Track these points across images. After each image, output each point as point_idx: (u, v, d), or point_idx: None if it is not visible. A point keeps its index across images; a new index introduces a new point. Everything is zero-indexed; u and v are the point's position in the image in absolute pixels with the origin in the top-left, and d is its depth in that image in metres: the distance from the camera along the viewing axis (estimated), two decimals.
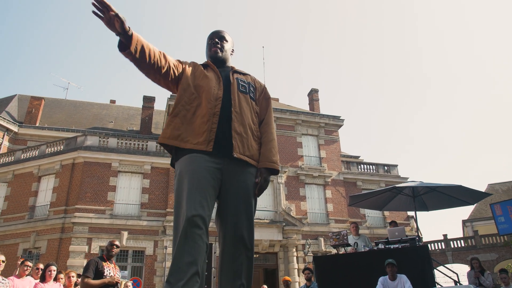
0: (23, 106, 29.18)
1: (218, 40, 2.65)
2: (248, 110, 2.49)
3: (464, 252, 30.63)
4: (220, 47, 2.64)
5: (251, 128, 2.47)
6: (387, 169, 27.97)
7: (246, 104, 2.50)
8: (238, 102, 2.45)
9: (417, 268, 7.39)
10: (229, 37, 2.74)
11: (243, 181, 2.35)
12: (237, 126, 2.39)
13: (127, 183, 21.68)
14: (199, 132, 2.31)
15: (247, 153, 2.38)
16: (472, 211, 39.34)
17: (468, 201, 9.87)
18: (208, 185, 2.21)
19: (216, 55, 2.63)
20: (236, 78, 2.56)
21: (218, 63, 2.63)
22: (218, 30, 2.73)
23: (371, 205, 11.28)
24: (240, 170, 2.36)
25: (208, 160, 2.27)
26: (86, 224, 19.83)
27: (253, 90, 2.61)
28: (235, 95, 2.46)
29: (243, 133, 2.40)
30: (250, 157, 2.40)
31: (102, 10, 2.04)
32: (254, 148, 2.45)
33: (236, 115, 2.41)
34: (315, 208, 24.69)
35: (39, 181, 21.91)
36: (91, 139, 22.17)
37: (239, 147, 2.35)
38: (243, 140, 2.39)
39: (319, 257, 9.29)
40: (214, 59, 2.63)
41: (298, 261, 22.20)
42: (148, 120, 29.88)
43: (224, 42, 2.67)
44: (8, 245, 20.37)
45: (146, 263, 20.21)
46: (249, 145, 2.42)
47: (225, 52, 2.66)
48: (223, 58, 2.65)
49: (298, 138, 26.36)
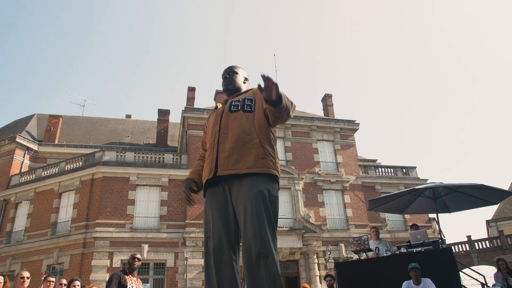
0: (42, 125, 29.76)
1: (227, 76, 2.95)
2: (238, 125, 2.59)
3: (490, 253, 29.93)
4: (229, 80, 2.93)
5: (242, 140, 2.54)
6: (406, 171, 27.61)
7: (236, 120, 2.62)
8: (224, 124, 2.65)
9: (442, 271, 7.24)
10: (240, 69, 3.03)
11: (240, 195, 2.42)
12: (223, 146, 2.57)
13: (145, 196, 21.87)
14: (206, 166, 2.65)
15: (235, 166, 2.47)
16: (496, 210, 38.52)
17: (492, 201, 9.60)
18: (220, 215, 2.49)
19: (227, 87, 2.93)
20: (230, 102, 2.76)
21: (230, 93, 2.92)
22: (229, 66, 3.03)
23: (390, 209, 11.08)
24: (238, 185, 2.46)
25: (218, 193, 2.55)
26: (107, 239, 20.04)
27: (250, 103, 2.70)
28: (224, 119, 2.68)
29: (229, 149, 2.53)
30: (240, 168, 2.46)
31: None
32: (249, 156, 2.48)
33: (224, 135, 2.61)
34: (334, 214, 24.49)
35: (60, 197, 22.28)
36: (108, 154, 22.47)
37: (222, 164, 2.51)
38: (229, 156, 2.50)
39: (340, 263, 9.17)
40: (226, 91, 2.95)
41: (319, 268, 22.00)
42: (163, 133, 30.15)
43: (234, 75, 2.96)
44: (33, 261, 20.72)
45: (167, 275, 20.29)
46: (240, 157, 2.48)
47: (235, 83, 2.93)
48: (232, 89, 2.92)
49: (314, 144, 26.26)
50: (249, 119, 2.62)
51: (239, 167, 2.45)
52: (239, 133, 2.55)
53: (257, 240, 2.25)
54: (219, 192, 2.54)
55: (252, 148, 2.50)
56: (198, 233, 21.13)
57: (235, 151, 2.50)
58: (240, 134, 2.54)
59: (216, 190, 2.56)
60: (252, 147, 2.50)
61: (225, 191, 2.52)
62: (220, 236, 2.41)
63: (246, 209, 2.34)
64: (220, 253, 2.37)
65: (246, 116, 2.63)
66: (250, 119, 2.62)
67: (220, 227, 2.43)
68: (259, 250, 2.23)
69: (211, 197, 2.57)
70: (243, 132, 2.55)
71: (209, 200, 2.57)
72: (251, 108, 2.67)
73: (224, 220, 2.45)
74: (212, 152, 2.61)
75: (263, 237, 2.26)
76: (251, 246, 2.25)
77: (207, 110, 24.81)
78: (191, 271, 20.25)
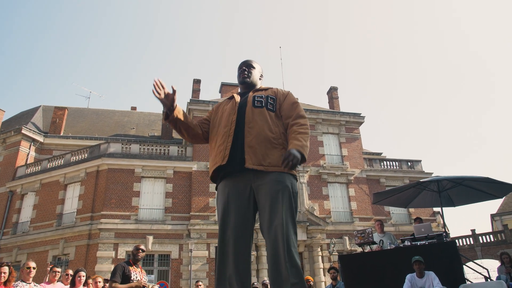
0: (48, 117, 29.87)
1: (245, 68, 3.00)
2: (264, 122, 2.68)
3: (494, 247, 29.86)
4: (247, 73, 2.98)
5: (268, 137, 2.62)
6: (411, 164, 27.53)
7: (262, 116, 2.70)
8: (251, 118, 2.69)
9: (445, 265, 7.24)
10: (257, 64, 3.08)
11: (267, 189, 2.51)
12: (250, 139, 2.60)
13: (150, 188, 21.98)
14: (217, 153, 2.66)
15: (262, 162, 2.54)
16: (501, 204, 38.37)
17: (496, 195, 9.56)
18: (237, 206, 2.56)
19: (244, 80, 2.97)
20: (253, 96, 2.82)
21: (247, 87, 2.98)
22: (246, 59, 3.07)
23: (395, 203, 11.07)
24: (266, 181, 2.52)
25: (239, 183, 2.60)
26: (112, 230, 20.18)
27: (273, 102, 2.80)
28: (249, 112, 2.72)
29: (256, 144, 2.58)
30: (268, 165, 2.53)
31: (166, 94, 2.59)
32: (274, 155, 2.58)
33: (250, 129, 2.65)
34: (338, 206, 24.51)
35: (65, 189, 22.42)
36: (114, 146, 22.55)
37: (251, 158, 2.54)
38: (257, 151, 2.56)
39: (344, 256, 9.19)
40: (243, 83, 2.98)
41: (323, 261, 22.06)
42: (169, 125, 30.15)
43: (252, 69, 3.02)
44: (38, 252, 20.92)
45: (172, 266, 20.43)
46: (266, 154, 2.56)
47: (252, 77, 2.99)
48: (250, 82, 2.98)
49: (319, 137, 26.21)
50: (273, 118, 2.73)
51: (266, 163, 2.54)
52: (265, 130, 2.64)
53: (283, 233, 2.35)
54: (240, 183, 2.60)
55: (277, 148, 2.62)
56: (203, 225, 21.22)
57: (262, 147, 2.58)
58: (266, 132, 2.64)
59: (237, 180, 2.61)
60: (277, 146, 2.62)
61: (247, 181, 2.58)
62: (238, 226, 2.50)
63: (272, 202, 2.45)
64: (237, 243, 2.46)
65: (269, 114, 2.73)
66: (273, 118, 2.73)
67: (238, 217, 2.52)
68: (284, 243, 2.34)
69: (230, 186, 2.61)
70: (269, 130, 2.65)
71: (228, 189, 2.61)
72: (273, 107, 2.78)
73: (243, 211, 2.54)
74: (227, 141, 2.64)
75: (288, 231, 2.38)
76: (277, 238, 2.36)
77: (212, 102, 24.80)
78: (196, 263, 20.37)
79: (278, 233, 2.36)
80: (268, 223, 2.43)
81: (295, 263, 2.33)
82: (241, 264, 2.44)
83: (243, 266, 2.44)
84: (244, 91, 2.98)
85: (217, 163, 2.61)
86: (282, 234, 2.35)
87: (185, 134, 2.84)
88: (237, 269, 2.42)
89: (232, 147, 2.61)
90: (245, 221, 2.53)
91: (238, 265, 2.43)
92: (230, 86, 29.52)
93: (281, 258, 2.31)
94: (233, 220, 2.51)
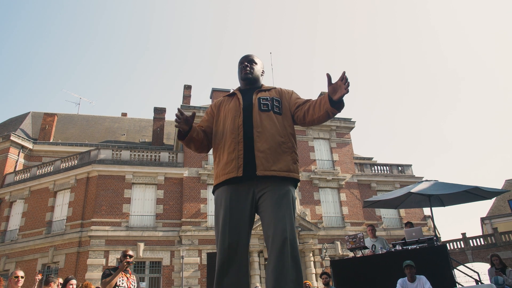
0: (37, 123, 29.61)
1: (247, 63, 2.91)
2: (272, 126, 2.61)
3: (484, 250, 30.12)
4: (250, 69, 2.89)
5: (277, 142, 2.57)
6: (401, 169, 27.71)
7: (270, 121, 2.63)
8: (260, 122, 2.61)
9: (436, 268, 7.28)
10: (258, 59, 2.99)
11: (274, 194, 2.47)
12: (260, 145, 2.53)
13: (141, 195, 21.84)
14: (228, 161, 2.54)
15: (273, 167, 2.49)
16: (491, 208, 38.76)
17: (486, 196, 9.70)
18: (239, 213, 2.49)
19: (247, 76, 2.87)
20: (258, 99, 2.73)
21: (249, 83, 2.89)
22: (248, 54, 2.98)
23: (386, 205, 11.24)
24: (271, 185, 2.49)
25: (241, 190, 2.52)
26: (102, 237, 19.99)
27: (278, 104, 2.74)
28: (256, 117, 2.63)
29: (267, 150, 2.52)
30: (278, 170, 2.50)
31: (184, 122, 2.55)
32: (284, 160, 2.55)
33: (259, 135, 2.57)
34: (330, 211, 24.54)
35: (55, 196, 22.19)
36: (104, 152, 22.40)
37: (263, 164, 2.48)
38: (268, 157, 2.51)
39: (336, 261, 9.22)
40: (245, 80, 2.88)
41: (315, 266, 22.03)
42: (159, 131, 30.08)
43: (254, 64, 2.93)
44: (27, 260, 20.64)
45: (163, 273, 20.27)
46: (276, 159, 2.52)
47: (255, 73, 2.90)
48: (253, 78, 2.89)
49: (310, 142, 26.29)
50: (280, 121, 2.67)
51: (277, 169, 2.50)
52: (274, 135, 2.58)
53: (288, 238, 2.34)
54: (243, 187, 2.53)
55: (287, 152, 2.59)
56: (194, 232, 21.11)
57: (273, 152, 2.53)
58: (275, 136, 2.58)
59: (239, 187, 2.53)
60: (287, 151, 2.59)
61: (250, 187, 2.52)
62: (239, 232, 2.45)
63: (276, 207, 2.43)
64: (238, 250, 2.42)
65: (276, 117, 2.67)
66: (281, 122, 2.67)
67: (239, 222, 2.47)
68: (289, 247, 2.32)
69: (232, 193, 2.53)
70: (278, 135, 2.60)
71: (229, 193, 2.54)
72: (279, 110, 2.72)
73: (244, 217, 2.49)
74: (238, 148, 2.55)
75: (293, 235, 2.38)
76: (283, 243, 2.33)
77: (203, 108, 24.76)
78: (187, 270, 20.24)
79: (283, 237, 2.34)
80: (273, 228, 2.38)
81: (299, 269, 2.33)
82: (241, 271, 2.41)
83: (243, 272, 2.41)
84: (246, 88, 2.89)
85: (231, 173, 2.51)
86: (287, 238, 2.34)
87: (192, 148, 2.79)
88: (237, 277, 2.38)
89: (244, 154, 2.53)
90: (245, 227, 2.49)
91: (238, 273, 2.39)
92: (221, 92, 29.51)
93: (286, 262, 2.29)
94: (234, 226, 2.45)
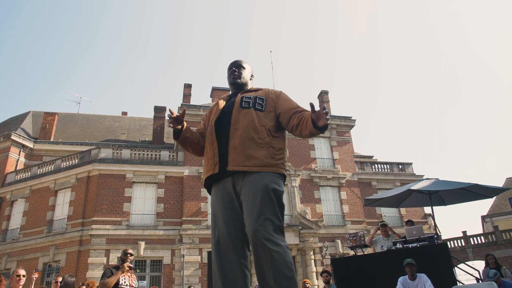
0: (37, 122, 29.62)
1: (235, 69, 2.96)
2: (249, 122, 2.61)
3: (485, 248, 30.08)
4: (238, 74, 2.94)
5: (250, 137, 2.56)
6: (402, 167, 27.71)
7: (248, 117, 2.64)
8: (237, 119, 2.64)
9: (437, 267, 7.29)
10: (247, 64, 3.04)
11: (248, 189, 2.44)
12: (234, 141, 2.56)
13: (142, 194, 21.86)
14: (207, 160, 2.66)
15: (246, 163, 2.48)
16: (491, 206, 38.74)
17: (487, 195, 9.71)
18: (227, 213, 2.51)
19: (235, 80, 2.93)
20: (241, 97, 2.77)
21: (238, 87, 2.93)
22: (236, 60, 3.04)
23: (386, 204, 11.22)
24: (247, 180, 2.47)
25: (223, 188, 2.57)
26: (103, 236, 20.03)
27: (261, 102, 2.74)
28: (235, 115, 2.67)
29: (239, 146, 2.53)
30: (251, 166, 2.48)
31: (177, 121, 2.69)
32: (259, 155, 2.52)
33: (234, 131, 2.60)
34: (330, 210, 24.56)
35: (55, 195, 22.22)
36: (104, 151, 22.42)
37: (234, 160, 2.51)
38: (239, 152, 2.52)
39: (337, 259, 9.24)
40: (234, 84, 2.94)
41: (316, 264, 22.06)
42: (160, 130, 30.08)
43: (242, 69, 2.98)
44: (29, 259, 20.68)
45: (164, 272, 20.30)
46: (250, 154, 2.50)
47: (243, 77, 2.95)
48: (241, 83, 2.94)
49: (310, 141, 26.27)
50: (260, 117, 2.66)
51: (250, 164, 2.49)
52: (248, 130, 2.58)
53: (260, 229, 2.26)
54: (224, 187, 2.56)
55: (263, 147, 2.56)
56: (195, 230, 21.14)
57: (245, 147, 2.53)
58: (249, 131, 2.58)
59: (221, 185, 2.58)
60: (263, 146, 2.56)
61: (230, 185, 2.54)
62: (226, 231, 2.45)
63: (250, 201, 2.38)
64: (226, 247, 2.41)
65: (257, 114, 2.67)
66: (260, 118, 2.66)
67: (226, 222, 2.47)
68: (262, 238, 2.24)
69: (216, 192, 2.61)
70: (253, 130, 2.59)
71: (215, 195, 2.61)
72: (262, 107, 2.72)
73: (230, 215, 2.49)
74: (213, 147, 2.64)
75: (267, 227, 2.28)
76: (255, 235, 2.27)
77: (203, 107, 24.77)
78: (188, 268, 20.27)
79: (254, 237, 2.27)
80: (248, 223, 2.34)
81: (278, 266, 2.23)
82: (232, 271, 2.38)
83: (234, 272, 2.38)
84: (235, 92, 2.94)
85: (209, 171, 2.60)
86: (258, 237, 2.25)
87: (190, 150, 2.90)
88: (226, 277, 2.37)
89: (219, 152, 2.59)
90: (234, 222, 2.46)
91: (228, 272, 2.38)
92: (221, 90, 29.57)
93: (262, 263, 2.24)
94: (221, 225, 2.47)
